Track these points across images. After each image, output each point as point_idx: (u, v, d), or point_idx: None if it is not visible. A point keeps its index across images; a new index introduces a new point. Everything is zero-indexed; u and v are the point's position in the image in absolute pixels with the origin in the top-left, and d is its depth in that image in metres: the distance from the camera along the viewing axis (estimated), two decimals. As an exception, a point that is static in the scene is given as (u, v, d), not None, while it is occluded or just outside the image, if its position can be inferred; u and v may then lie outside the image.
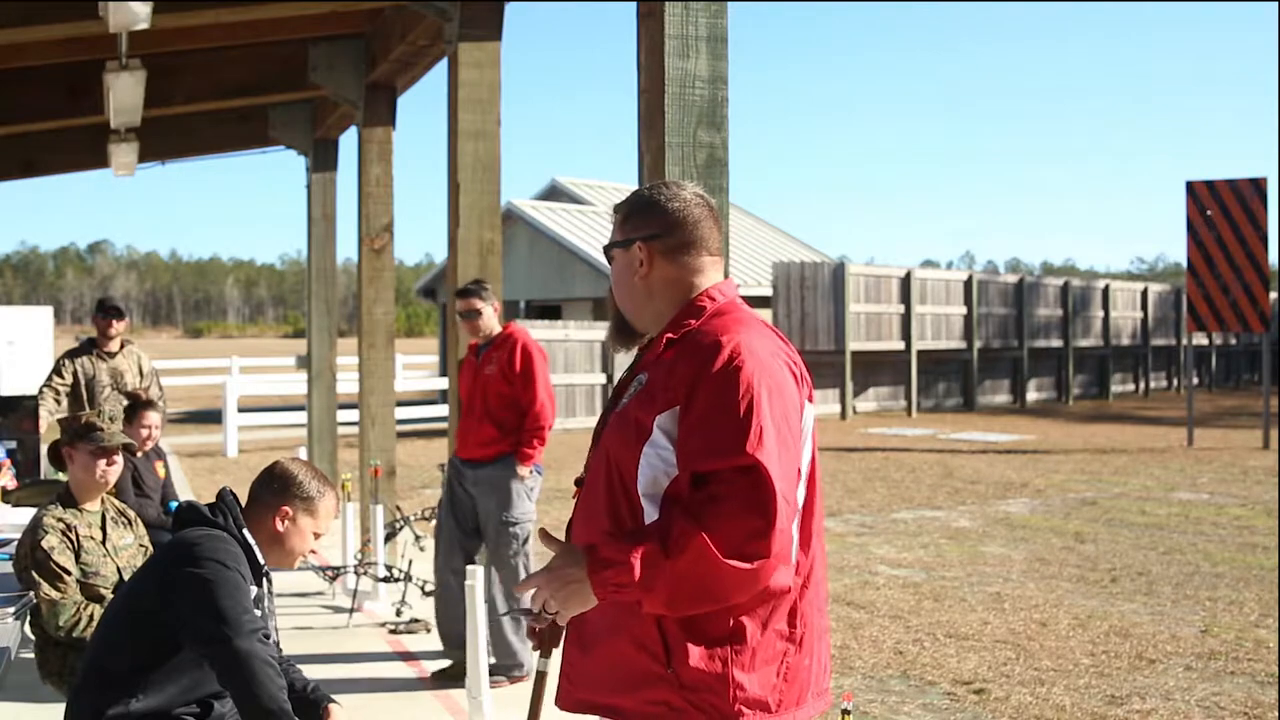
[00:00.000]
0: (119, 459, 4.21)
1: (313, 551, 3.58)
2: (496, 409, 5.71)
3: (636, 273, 2.28)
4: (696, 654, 2.08)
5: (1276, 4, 29.23)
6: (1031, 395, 27.67)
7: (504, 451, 5.70)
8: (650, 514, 2.12)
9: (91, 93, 8.30)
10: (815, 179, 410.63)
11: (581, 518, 2.26)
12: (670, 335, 2.22)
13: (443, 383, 21.50)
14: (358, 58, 8.86)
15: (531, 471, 5.72)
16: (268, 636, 2.97)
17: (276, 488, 3.23)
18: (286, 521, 3.22)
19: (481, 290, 5.79)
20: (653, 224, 2.29)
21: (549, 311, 24.77)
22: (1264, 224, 17.76)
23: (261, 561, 3.20)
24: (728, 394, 2.04)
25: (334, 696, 3.36)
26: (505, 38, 6.34)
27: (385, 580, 7.22)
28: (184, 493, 11.18)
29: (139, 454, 6.16)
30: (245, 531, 3.18)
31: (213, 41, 8.61)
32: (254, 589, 3.14)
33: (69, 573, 3.97)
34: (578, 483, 2.32)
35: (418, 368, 30.51)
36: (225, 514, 3.18)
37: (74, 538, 4.05)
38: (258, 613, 3.01)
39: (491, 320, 5.81)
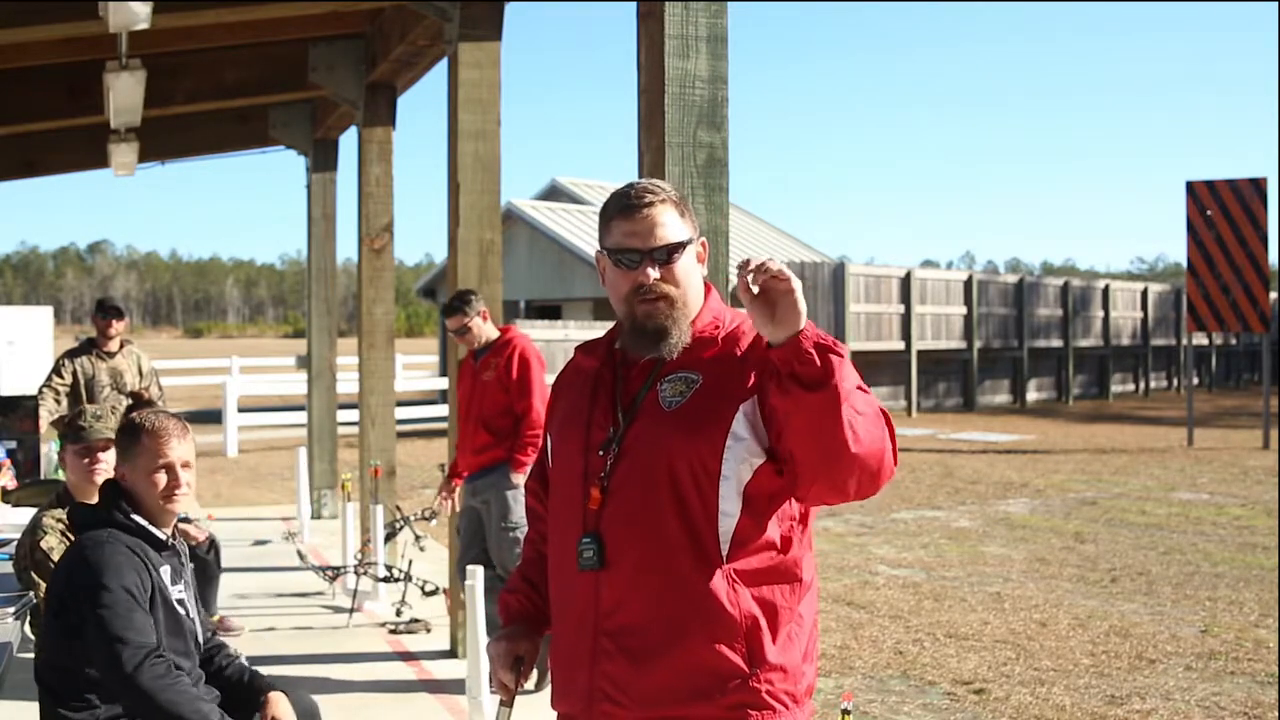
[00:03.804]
0: (106, 455, 4.20)
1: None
2: (492, 415, 5.72)
3: (699, 270, 2.25)
4: (778, 648, 2.12)
5: (1276, 4, 29.24)
6: (1031, 395, 27.67)
7: (499, 459, 5.71)
8: (731, 506, 2.10)
9: (91, 93, 8.30)
10: (815, 179, 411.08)
11: (625, 521, 2.14)
12: (717, 333, 2.21)
13: (443, 383, 21.50)
14: (358, 58, 8.86)
15: (530, 472, 5.72)
16: (155, 654, 2.92)
17: (116, 454, 3.23)
18: (124, 480, 3.17)
19: (465, 306, 5.71)
20: (696, 220, 2.28)
21: (549, 311, 24.76)
22: (1264, 224, 17.76)
23: (162, 537, 3.14)
24: None
25: (276, 685, 3.27)
26: (505, 38, 6.34)
27: (385, 580, 7.22)
28: (184, 493, 11.16)
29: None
30: (134, 517, 3.12)
31: (213, 41, 8.60)
32: (165, 568, 3.11)
33: (68, 573, 3.97)
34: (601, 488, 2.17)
35: (418, 368, 30.51)
36: (108, 506, 3.14)
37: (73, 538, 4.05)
38: (149, 633, 2.95)
39: (483, 328, 5.78)
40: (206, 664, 3.27)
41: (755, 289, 1.90)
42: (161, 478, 3.12)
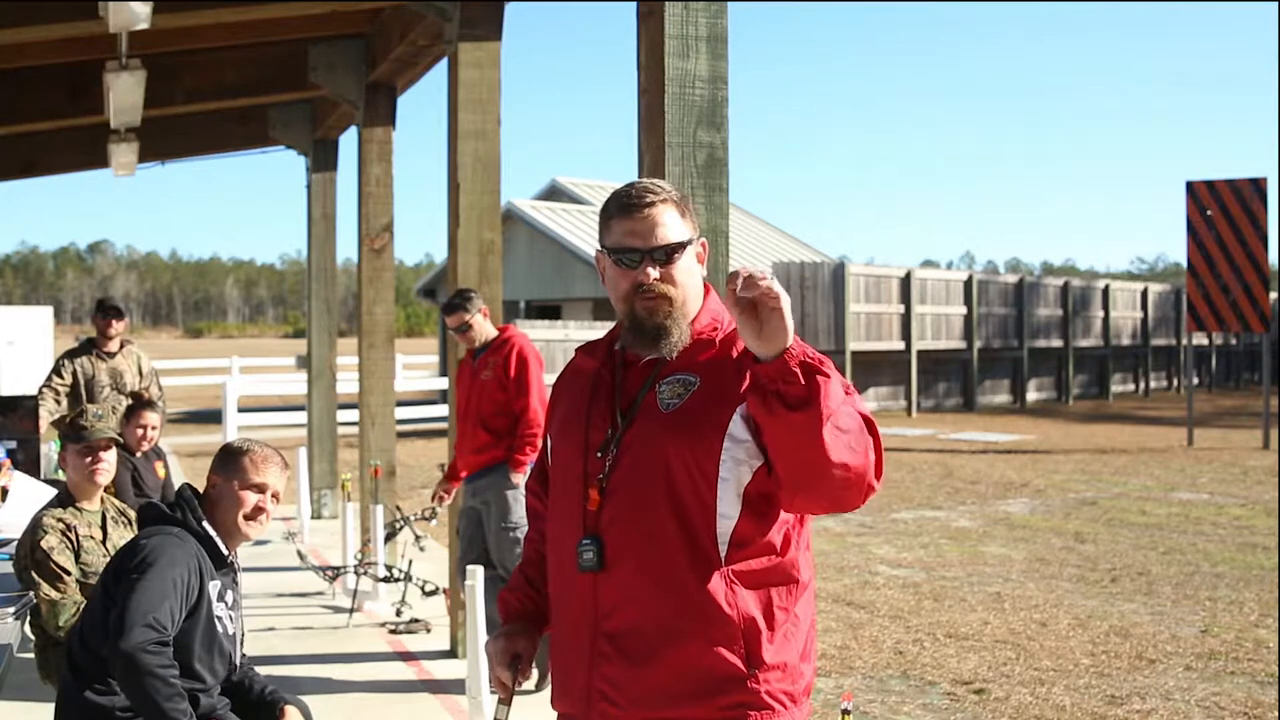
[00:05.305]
0: (108, 455, 4.21)
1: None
2: (490, 415, 5.71)
3: (699, 270, 2.25)
4: (775, 648, 2.12)
5: (1276, 4, 29.24)
6: (1031, 395, 27.67)
7: (498, 459, 5.71)
8: (729, 508, 2.10)
9: (91, 93, 8.30)
10: (815, 179, 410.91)
11: (624, 523, 2.14)
12: (715, 335, 2.20)
13: (443, 383, 21.50)
14: (358, 58, 8.86)
15: (529, 471, 5.73)
16: (164, 644, 2.95)
17: (213, 465, 3.32)
18: (213, 489, 3.27)
19: (466, 303, 5.74)
20: (696, 220, 2.28)
21: (549, 311, 24.77)
22: (1264, 224, 17.77)
23: (224, 552, 3.22)
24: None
25: (298, 698, 3.40)
26: (505, 38, 6.34)
27: (385, 580, 7.22)
28: (184, 493, 11.17)
29: (138, 454, 6.17)
30: (205, 524, 3.20)
31: (213, 41, 8.61)
32: (216, 582, 3.17)
33: (68, 573, 3.98)
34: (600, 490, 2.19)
35: (418, 368, 30.51)
36: (183, 509, 3.22)
37: (74, 538, 4.06)
38: (168, 623, 2.98)
39: (483, 327, 5.79)
40: (237, 686, 3.31)
41: (747, 296, 1.86)
42: (251, 496, 3.23)
